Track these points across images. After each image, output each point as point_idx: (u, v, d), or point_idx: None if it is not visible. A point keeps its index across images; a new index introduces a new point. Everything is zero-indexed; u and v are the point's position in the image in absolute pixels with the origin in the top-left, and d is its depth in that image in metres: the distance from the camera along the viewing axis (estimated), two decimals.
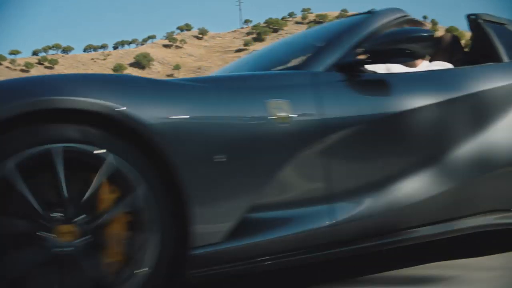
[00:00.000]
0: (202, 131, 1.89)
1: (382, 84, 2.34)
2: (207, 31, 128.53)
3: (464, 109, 2.49)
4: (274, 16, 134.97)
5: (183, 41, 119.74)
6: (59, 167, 1.64)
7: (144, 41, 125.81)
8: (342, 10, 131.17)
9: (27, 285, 1.59)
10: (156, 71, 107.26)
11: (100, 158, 1.69)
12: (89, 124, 1.71)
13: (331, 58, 2.31)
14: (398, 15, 2.59)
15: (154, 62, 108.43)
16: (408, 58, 2.44)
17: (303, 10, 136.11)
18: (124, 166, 1.72)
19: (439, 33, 3.49)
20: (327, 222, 2.06)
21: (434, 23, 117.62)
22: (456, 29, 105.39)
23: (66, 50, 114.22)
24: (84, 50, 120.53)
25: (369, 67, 2.45)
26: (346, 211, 2.12)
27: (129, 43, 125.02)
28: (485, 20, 2.88)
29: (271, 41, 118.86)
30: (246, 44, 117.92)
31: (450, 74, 2.66)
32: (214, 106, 1.96)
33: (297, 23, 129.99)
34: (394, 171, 2.29)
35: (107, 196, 1.72)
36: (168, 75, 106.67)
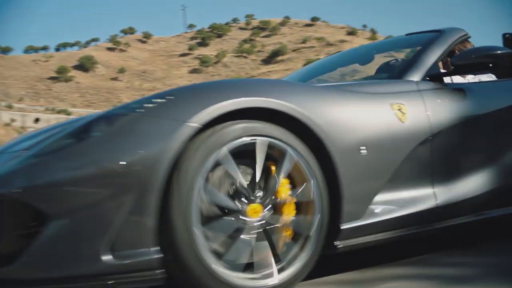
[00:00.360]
0: (352, 129, 2.14)
1: (467, 91, 2.63)
2: (151, 35, 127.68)
3: (501, 116, 2.75)
4: (218, 22, 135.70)
5: (127, 44, 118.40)
6: (259, 157, 1.89)
7: (87, 43, 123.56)
8: (285, 17, 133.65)
9: (226, 247, 1.84)
10: (100, 74, 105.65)
11: (285, 153, 1.94)
12: (279, 123, 1.96)
13: (423, 70, 2.60)
14: (463, 33, 2.89)
15: (98, 65, 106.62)
16: (489, 71, 2.78)
17: (247, 16, 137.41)
18: (301, 160, 1.97)
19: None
20: (433, 203, 2.35)
21: (373, 32, 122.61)
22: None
23: (5, 50, 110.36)
24: (25, 51, 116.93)
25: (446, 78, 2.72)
26: (445, 194, 2.40)
27: (72, 45, 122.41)
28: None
29: (215, 46, 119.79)
30: (190, 48, 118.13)
31: (496, 86, 3.00)
32: (357, 107, 2.24)
33: (241, 28, 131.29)
34: (478, 164, 2.60)
35: (287, 183, 1.99)
36: (112, 78, 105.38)
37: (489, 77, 3.06)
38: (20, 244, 1.72)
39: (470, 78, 3.06)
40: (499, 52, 2.53)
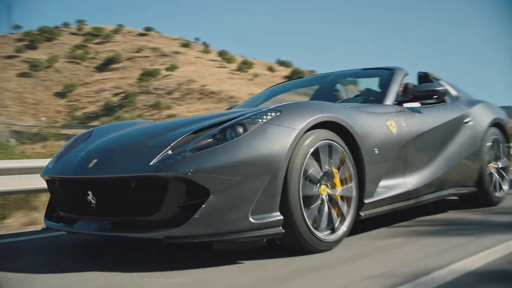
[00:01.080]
0: (371, 137, 3.23)
1: (420, 112, 3.89)
2: None
3: (444, 130, 4.09)
4: (46, 25, 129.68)
5: None
6: (334, 152, 2.94)
7: None
8: (118, 25, 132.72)
9: (313, 215, 2.80)
10: None
11: (338, 149, 2.98)
12: (336, 131, 2.98)
13: (393, 98, 3.85)
14: (405, 71, 4.16)
15: None
16: (433, 99, 3.99)
17: (78, 21, 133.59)
18: (344, 152, 3.02)
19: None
20: (407, 187, 3.58)
21: (206, 45, 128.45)
22: (227, 53, 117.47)
23: None
24: None
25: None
26: (413, 181, 3.66)
27: None
28: (429, 75, 4.47)
29: (45, 50, 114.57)
30: (18, 51, 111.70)
31: (438, 109, 4.20)
32: (371, 122, 3.32)
33: (73, 34, 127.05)
34: (429, 161, 3.88)
35: (337, 172, 3.00)
36: None
37: (417, 104, 3.98)
38: (182, 212, 2.51)
39: (410, 104, 3.98)
40: (438, 88, 3.83)
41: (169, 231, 2.49)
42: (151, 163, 2.56)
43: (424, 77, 4.48)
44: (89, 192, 2.76)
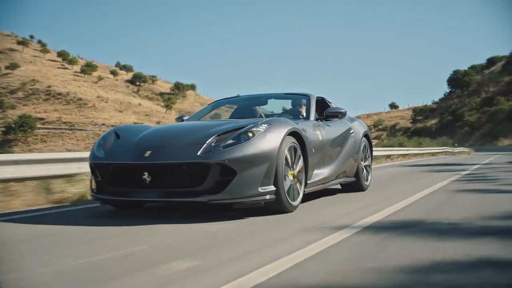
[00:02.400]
0: (311, 141, 4.83)
1: (329, 125, 5.61)
2: None
3: (341, 138, 5.84)
4: None
5: None
6: (294, 151, 4.43)
7: None
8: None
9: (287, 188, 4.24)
10: None
11: (298, 150, 4.50)
12: (296, 136, 4.51)
13: (314, 115, 5.54)
14: (316, 96, 6.04)
15: None
16: (338, 118, 5.69)
17: None
18: (299, 150, 4.52)
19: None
20: (324, 175, 5.18)
21: (42, 44, 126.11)
22: (67, 53, 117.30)
23: None
24: None
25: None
26: (327, 171, 5.30)
27: None
28: (325, 99, 6.43)
29: None
30: None
31: (339, 124, 5.93)
32: (311, 131, 4.99)
33: None
34: (334, 158, 5.58)
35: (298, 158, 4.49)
36: None
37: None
38: (217, 185, 3.89)
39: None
40: (341, 110, 5.59)
41: (211, 196, 3.88)
42: (197, 154, 3.95)
43: (321, 100, 6.29)
44: (145, 173, 4.02)
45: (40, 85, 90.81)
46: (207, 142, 4.04)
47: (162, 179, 3.98)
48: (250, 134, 4.08)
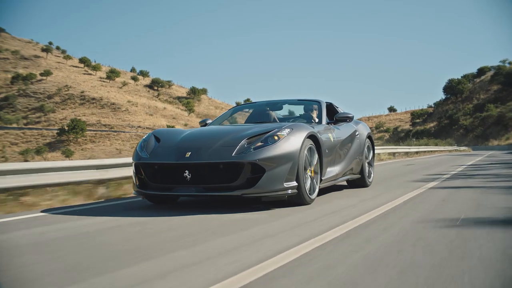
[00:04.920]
0: (326, 142, 5.59)
1: (339, 128, 6.38)
2: None
3: (348, 140, 6.55)
4: None
5: None
6: (311, 151, 5.14)
7: None
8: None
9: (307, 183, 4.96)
10: None
11: (314, 150, 5.20)
12: (313, 139, 5.22)
13: (325, 119, 6.23)
14: (327, 102, 6.78)
15: None
16: (346, 122, 6.31)
17: None
18: (316, 151, 5.23)
19: None
20: (336, 172, 5.94)
21: (63, 51, 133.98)
22: (89, 60, 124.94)
23: None
24: None
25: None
26: (338, 169, 6.05)
27: None
28: (332, 104, 7.08)
29: None
30: None
31: (346, 126, 6.64)
32: (326, 134, 5.76)
33: None
34: (344, 157, 6.32)
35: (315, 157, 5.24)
36: None
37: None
38: (249, 181, 4.53)
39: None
40: (349, 115, 6.20)
41: (244, 191, 4.50)
42: (232, 154, 4.56)
43: (329, 106, 6.96)
44: (186, 171, 4.62)
45: (74, 91, 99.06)
46: (240, 144, 4.70)
47: (201, 176, 4.62)
48: (276, 137, 4.73)
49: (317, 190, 5.17)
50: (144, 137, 5.49)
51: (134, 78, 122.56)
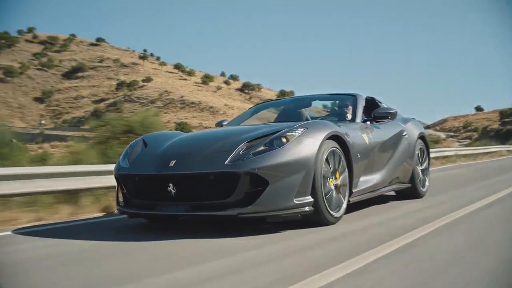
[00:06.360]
0: (356, 145, 4.52)
1: (378, 127, 5.30)
2: None
3: (392, 141, 5.51)
4: None
5: None
6: (335, 157, 4.14)
7: None
8: (70, 35, 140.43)
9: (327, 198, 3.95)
10: None
11: (340, 156, 4.22)
12: (337, 140, 4.19)
13: (360, 117, 5.18)
14: (365, 96, 5.59)
15: None
16: (388, 119, 5.37)
17: (30, 29, 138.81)
18: (342, 155, 4.24)
19: None
20: (373, 182, 4.91)
21: (158, 58, 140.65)
22: (183, 66, 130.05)
23: None
24: None
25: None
26: (377, 178, 5.01)
27: None
28: (375, 99, 5.99)
29: (7, 57, 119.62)
30: None
31: (389, 125, 5.60)
32: (355, 135, 4.67)
33: (28, 41, 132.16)
34: (385, 163, 5.25)
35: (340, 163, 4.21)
36: None
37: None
38: (247, 196, 3.60)
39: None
40: (392, 111, 5.28)
41: (241, 209, 3.59)
42: (226, 162, 3.66)
43: (370, 100, 5.96)
44: (170, 184, 3.76)
45: (174, 95, 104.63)
46: (236, 149, 3.79)
47: (188, 191, 3.76)
48: (284, 140, 3.82)
49: (344, 206, 4.25)
50: (131, 143, 4.68)
51: (227, 82, 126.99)
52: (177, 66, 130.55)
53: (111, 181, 5.78)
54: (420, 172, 6.13)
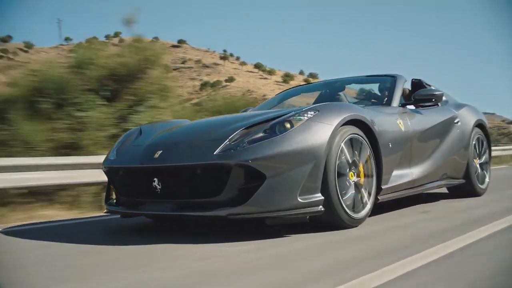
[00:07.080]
0: (386, 133, 3.80)
1: (420, 113, 4.55)
2: (33, 45, 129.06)
3: (439, 129, 4.72)
4: (87, 36, 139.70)
5: (15, 53, 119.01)
6: (358, 145, 3.43)
7: None
8: (154, 38, 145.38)
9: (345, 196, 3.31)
10: None
11: (363, 143, 3.54)
12: (360, 127, 3.51)
13: (398, 101, 4.47)
14: (405, 78, 4.75)
15: None
16: (431, 103, 4.53)
17: (116, 33, 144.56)
18: (368, 148, 3.57)
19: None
20: (411, 177, 4.21)
21: (238, 58, 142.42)
22: (263, 65, 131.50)
23: None
24: None
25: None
26: (416, 172, 4.28)
27: None
28: (422, 81, 5.14)
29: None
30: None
31: (437, 110, 4.82)
32: (386, 121, 3.92)
33: (115, 45, 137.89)
34: (428, 154, 4.53)
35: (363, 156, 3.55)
36: None
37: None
38: (241, 193, 2.98)
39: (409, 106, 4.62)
40: (436, 93, 4.49)
41: (231, 209, 2.98)
42: (215, 153, 3.05)
43: (417, 83, 5.21)
44: (155, 179, 3.21)
45: (256, 95, 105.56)
46: (229, 137, 3.17)
47: (175, 187, 3.23)
48: (288, 125, 3.15)
49: (369, 205, 3.60)
50: (127, 132, 4.31)
51: (307, 81, 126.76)
52: (257, 66, 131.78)
53: None
54: (478, 167, 5.36)
